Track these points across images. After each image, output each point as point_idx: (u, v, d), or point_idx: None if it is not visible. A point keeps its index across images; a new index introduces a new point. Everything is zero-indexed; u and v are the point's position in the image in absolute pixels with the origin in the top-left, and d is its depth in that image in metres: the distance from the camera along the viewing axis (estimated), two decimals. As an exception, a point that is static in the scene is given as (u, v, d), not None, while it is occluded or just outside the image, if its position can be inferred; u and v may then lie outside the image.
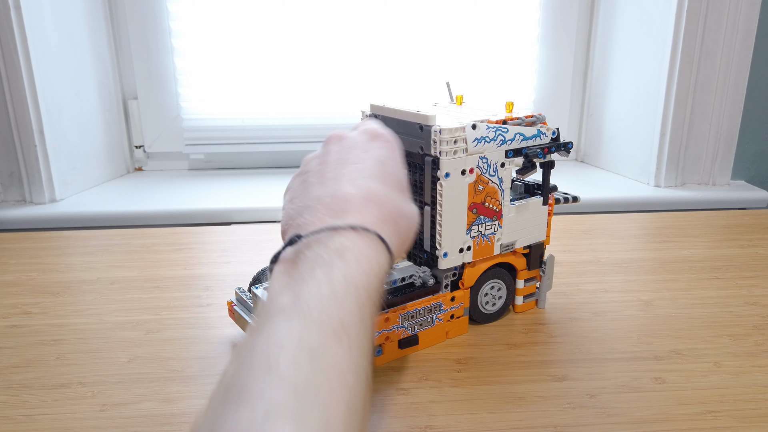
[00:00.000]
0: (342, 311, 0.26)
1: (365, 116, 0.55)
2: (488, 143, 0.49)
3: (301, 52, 1.13)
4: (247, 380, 0.23)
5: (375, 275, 0.29)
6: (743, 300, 0.61)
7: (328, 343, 0.24)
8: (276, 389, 0.22)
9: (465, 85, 1.15)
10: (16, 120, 0.92)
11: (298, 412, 0.21)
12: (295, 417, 0.21)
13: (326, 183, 0.34)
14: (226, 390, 0.23)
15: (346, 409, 0.23)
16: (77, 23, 1.02)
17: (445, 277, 0.52)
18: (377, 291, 0.29)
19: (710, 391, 0.46)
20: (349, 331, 0.25)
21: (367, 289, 0.28)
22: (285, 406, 0.21)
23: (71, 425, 0.42)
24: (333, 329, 0.25)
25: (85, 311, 0.60)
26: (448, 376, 0.48)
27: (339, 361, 0.24)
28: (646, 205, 1.03)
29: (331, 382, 0.23)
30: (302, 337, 0.24)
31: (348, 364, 0.24)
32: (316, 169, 0.36)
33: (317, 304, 0.26)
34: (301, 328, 0.24)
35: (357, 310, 0.27)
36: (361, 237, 0.30)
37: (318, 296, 0.26)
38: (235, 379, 0.23)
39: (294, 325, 0.25)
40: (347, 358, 0.25)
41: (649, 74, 1.05)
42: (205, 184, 1.12)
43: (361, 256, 0.29)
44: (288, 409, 0.21)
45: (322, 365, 0.23)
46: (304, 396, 0.22)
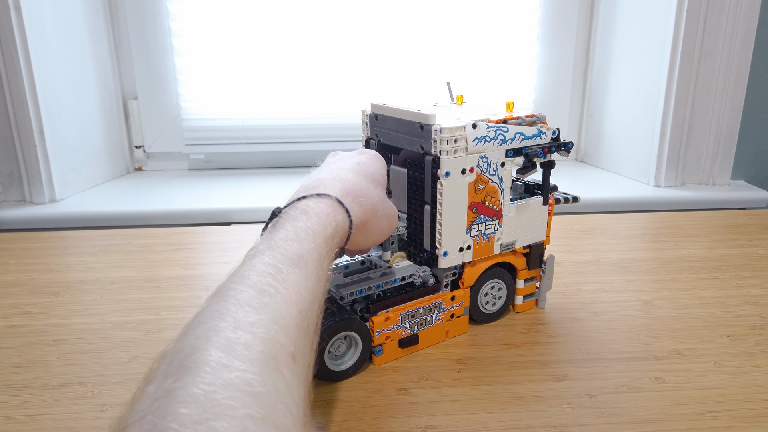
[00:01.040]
0: (302, 249, 0.34)
1: (365, 115, 0.55)
2: (488, 142, 0.49)
3: (302, 52, 1.13)
4: (227, 286, 0.31)
5: (332, 226, 0.37)
6: (743, 300, 0.61)
7: (288, 268, 0.33)
8: (246, 289, 0.30)
9: (465, 85, 1.15)
10: (16, 120, 0.92)
11: (258, 303, 0.29)
12: (255, 306, 0.29)
13: (313, 174, 0.44)
14: (211, 295, 0.31)
15: (298, 312, 0.30)
16: (77, 23, 1.02)
17: (445, 276, 0.52)
18: (334, 238, 0.37)
19: (710, 391, 0.46)
20: (307, 262, 0.34)
21: (324, 236, 0.36)
22: (250, 297, 0.29)
23: (71, 425, 0.42)
24: (293, 260, 0.33)
25: (85, 311, 0.60)
26: (448, 376, 0.48)
27: (297, 279, 0.32)
28: (646, 205, 1.03)
29: (288, 290, 0.31)
30: (269, 263, 0.32)
31: (305, 283, 0.32)
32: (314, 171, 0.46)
33: (283, 243, 0.34)
34: (269, 258, 0.33)
35: (314, 249, 0.35)
36: (323, 200, 0.39)
37: (284, 238, 0.35)
38: (218, 289, 0.31)
39: (264, 257, 0.33)
40: (304, 279, 0.33)
41: (649, 74, 1.05)
42: (205, 184, 1.12)
43: (321, 213, 0.38)
44: (252, 299, 0.29)
45: (282, 279, 0.31)
46: (265, 295, 0.30)
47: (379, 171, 0.46)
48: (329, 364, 0.46)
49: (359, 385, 0.47)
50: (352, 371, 0.48)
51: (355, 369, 0.48)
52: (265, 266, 0.32)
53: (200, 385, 0.23)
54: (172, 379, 0.24)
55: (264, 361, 0.26)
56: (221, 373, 0.24)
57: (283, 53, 1.12)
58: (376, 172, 0.46)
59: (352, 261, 0.54)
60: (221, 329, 0.27)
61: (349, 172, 0.43)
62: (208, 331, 0.27)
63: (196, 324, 0.28)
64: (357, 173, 0.44)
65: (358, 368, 0.48)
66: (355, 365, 0.48)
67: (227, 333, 0.26)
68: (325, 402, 0.45)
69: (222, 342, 0.26)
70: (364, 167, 0.45)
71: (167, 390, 0.23)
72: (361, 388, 0.46)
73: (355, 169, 0.44)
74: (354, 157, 0.47)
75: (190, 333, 0.27)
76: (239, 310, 0.28)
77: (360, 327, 0.47)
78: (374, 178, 0.45)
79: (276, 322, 0.28)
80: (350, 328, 0.46)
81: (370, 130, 0.55)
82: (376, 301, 0.49)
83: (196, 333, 0.27)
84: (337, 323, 0.46)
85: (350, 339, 0.47)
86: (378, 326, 0.48)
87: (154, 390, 0.24)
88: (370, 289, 0.48)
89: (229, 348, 0.25)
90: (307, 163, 1.34)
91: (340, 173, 0.43)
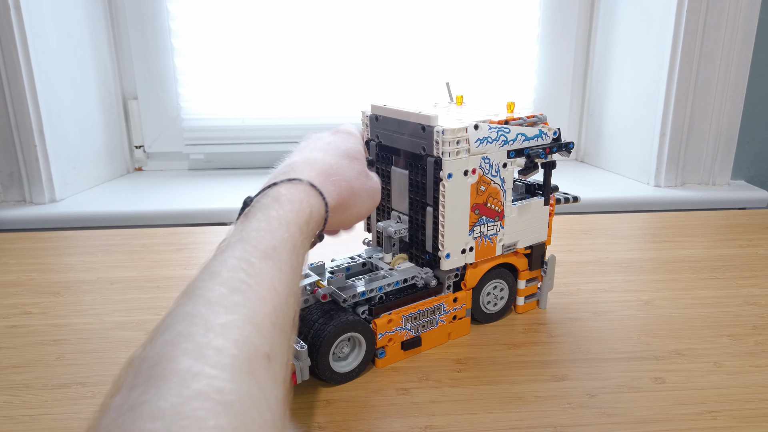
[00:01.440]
0: (275, 239, 0.33)
1: (365, 116, 0.55)
2: (490, 144, 0.49)
3: (302, 52, 1.13)
4: (196, 284, 0.29)
5: (306, 213, 0.36)
6: (743, 300, 0.62)
7: (261, 261, 0.31)
8: (217, 286, 0.28)
9: (465, 85, 1.15)
10: (16, 120, 0.92)
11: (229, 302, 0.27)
12: (226, 306, 0.27)
13: (284, 160, 0.42)
14: (181, 294, 0.29)
15: (272, 308, 0.29)
16: (77, 23, 1.02)
17: (447, 278, 0.52)
18: (309, 225, 0.36)
19: (710, 391, 0.46)
20: (280, 254, 0.32)
21: (298, 224, 0.35)
22: (221, 296, 0.28)
23: (71, 425, 0.42)
24: (266, 252, 0.32)
25: (85, 311, 0.60)
26: (448, 376, 0.48)
27: (270, 273, 0.31)
28: (646, 205, 1.03)
29: (261, 286, 0.29)
30: (241, 257, 0.31)
31: (279, 277, 0.31)
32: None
33: (255, 235, 0.33)
34: (241, 251, 0.31)
35: (288, 239, 0.33)
36: (295, 186, 0.37)
37: (256, 229, 0.33)
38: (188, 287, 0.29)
39: (236, 250, 0.31)
40: (278, 272, 0.31)
41: (649, 74, 1.05)
42: (205, 184, 1.12)
43: (293, 199, 0.36)
44: (223, 298, 0.28)
45: (255, 275, 0.30)
46: (237, 293, 0.28)
47: (353, 146, 0.45)
48: (333, 366, 0.46)
49: (360, 385, 0.47)
50: (356, 373, 0.48)
51: (358, 371, 0.48)
52: (236, 261, 0.30)
53: (168, 397, 0.22)
54: (138, 391, 0.23)
55: (237, 365, 0.24)
56: (190, 383, 0.23)
57: (283, 53, 1.12)
58: (350, 147, 0.44)
59: (354, 263, 0.54)
60: (190, 334, 0.25)
61: (320, 152, 0.42)
62: (177, 336, 0.25)
63: (164, 328, 0.26)
64: (328, 152, 0.42)
65: (362, 370, 0.48)
66: (358, 367, 0.48)
67: (197, 337, 0.25)
68: (325, 402, 0.45)
69: (191, 348, 0.24)
70: (335, 144, 0.44)
71: (133, 404, 0.22)
72: (361, 388, 0.46)
73: (326, 148, 0.43)
74: (326, 136, 0.45)
75: (157, 338, 0.26)
76: (209, 311, 0.27)
77: (364, 329, 0.47)
78: (348, 153, 0.43)
79: (249, 322, 0.27)
80: (354, 330, 0.46)
81: (371, 131, 0.55)
82: (378, 304, 0.49)
83: (165, 338, 0.25)
84: (341, 325, 0.45)
85: (354, 341, 0.47)
86: (381, 328, 0.48)
87: (120, 403, 0.23)
88: (372, 291, 0.48)
89: (198, 354, 0.24)
90: (307, 163, 1.31)
91: (311, 154, 0.41)
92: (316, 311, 0.47)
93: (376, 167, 0.56)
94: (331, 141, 0.44)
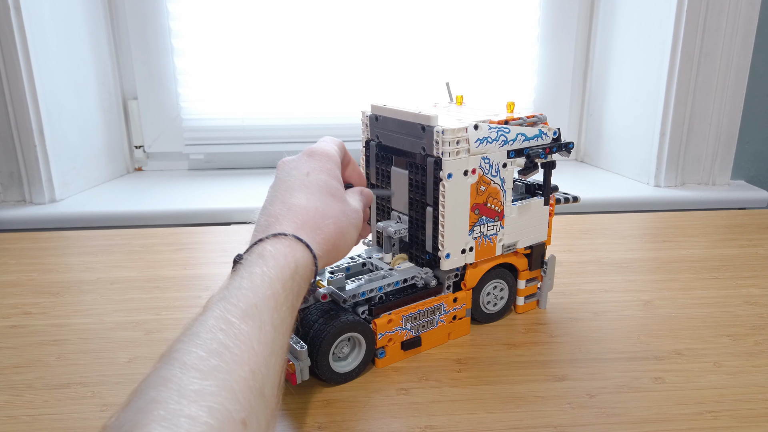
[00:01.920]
0: (256, 297, 0.32)
1: (365, 116, 0.55)
2: (490, 144, 0.49)
3: (302, 53, 1.13)
4: (175, 346, 0.29)
5: (291, 268, 0.36)
6: (743, 300, 0.62)
7: (241, 321, 0.31)
8: (194, 349, 0.28)
9: (465, 85, 1.15)
10: (16, 120, 0.92)
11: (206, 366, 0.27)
12: (201, 370, 0.27)
13: (266, 208, 0.41)
14: (160, 356, 0.29)
15: (250, 371, 0.29)
16: (77, 23, 1.02)
17: (447, 278, 0.52)
18: (294, 279, 0.36)
19: (710, 391, 0.46)
20: (261, 312, 0.32)
21: (282, 280, 0.34)
22: (197, 360, 0.28)
23: (71, 425, 0.42)
24: (246, 310, 0.31)
25: (85, 311, 0.60)
26: (448, 376, 0.48)
27: (250, 332, 0.30)
28: (646, 205, 1.03)
29: (239, 347, 0.29)
30: (220, 317, 0.31)
31: (258, 336, 0.30)
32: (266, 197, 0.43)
33: (236, 293, 0.32)
34: (221, 310, 0.31)
35: (271, 295, 0.33)
36: (281, 241, 0.37)
37: (239, 288, 0.33)
38: (168, 348, 0.29)
39: (216, 310, 0.31)
40: (257, 331, 0.31)
41: (649, 74, 1.05)
42: (205, 184, 1.12)
43: (278, 255, 0.36)
44: (199, 362, 0.27)
45: (233, 335, 0.30)
46: (214, 355, 0.28)
47: (331, 175, 0.43)
48: (333, 366, 0.46)
49: (360, 385, 0.47)
50: (356, 373, 0.48)
51: (358, 371, 0.48)
52: (215, 321, 0.30)
53: None
54: None
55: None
56: None
57: (283, 53, 1.12)
58: (328, 179, 0.42)
59: (354, 263, 0.54)
60: (163, 400, 0.25)
61: (301, 193, 0.41)
62: (150, 402, 0.25)
63: (140, 393, 0.26)
64: (309, 191, 0.41)
65: (362, 370, 0.48)
66: (358, 367, 0.48)
67: (170, 404, 0.25)
68: (325, 402, 0.45)
69: (163, 415, 0.24)
70: (315, 179, 0.42)
71: None
72: (361, 388, 0.46)
73: (306, 184, 0.41)
74: (302, 165, 0.43)
75: (131, 405, 0.25)
76: (184, 376, 0.26)
77: (364, 329, 0.47)
78: (328, 188, 0.42)
79: (225, 387, 0.27)
80: (354, 330, 0.46)
81: (371, 131, 0.55)
82: (378, 304, 0.49)
83: (138, 405, 0.25)
84: (341, 325, 0.45)
85: (354, 341, 0.47)
86: (381, 328, 0.48)
87: None
88: (372, 292, 0.48)
89: (171, 422, 0.24)
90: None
91: (293, 199, 0.40)
92: (316, 311, 0.47)
93: (377, 167, 0.56)
94: (310, 173, 0.42)
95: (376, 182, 0.56)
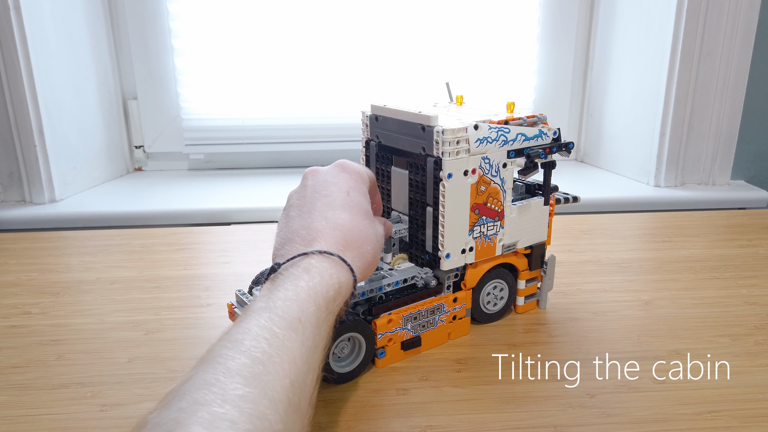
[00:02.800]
0: (301, 312, 0.32)
1: (365, 116, 0.55)
2: (490, 144, 0.49)
3: (302, 52, 1.13)
4: (218, 351, 0.29)
5: (335, 288, 0.36)
6: (743, 300, 0.62)
7: (285, 333, 0.31)
8: (238, 356, 0.28)
9: (465, 85, 1.15)
10: (16, 120, 0.92)
11: (249, 372, 0.28)
12: (245, 377, 0.27)
13: (303, 216, 0.41)
14: (201, 359, 0.29)
15: (290, 383, 0.29)
16: (77, 23, 1.02)
17: (447, 278, 0.52)
18: (335, 300, 0.35)
19: (710, 391, 0.46)
20: (305, 327, 0.32)
21: (326, 298, 0.34)
22: (241, 366, 0.28)
23: (71, 425, 0.42)
24: (291, 323, 0.31)
25: (85, 311, 0.60)
26: (448, 376, 0.48)
27: (292, 346, 0.30)
28: (646, 204, 1.03)
29: (282, 358, 0.29)
30: (265, 327, 0.31)
31: (300, 351, 0.31)
32: (296, 203, 0.43)
33: (282, 305, 0.32)
34: (266, 320, 0.31)
35: (314, 311, 0.33)
36: (326, 258, 0.37)
37: (284, 299, 0.33)
38: (209, 351, 0.29)
39: (261, 319, 0.31)
40: (300, 346, 0.31)
41: (649, 74, 1.05)
42: (205, 184, 1.12)
43: (324, 272, 0.36)
44: (243, 369, 0.28)
45: (277, 346, 0.30)
46: (258, 364, 0.28)
47: (364, 194, 0.43)
48: (333, 366, 0.46)
49: (359, 385, 0.47)
50: (356, 373, 0.48)
51: (358, 371, 0.48)
52: (260, 329, 0.30)
53: None
54: None
55: None
56: None
57: (283, 53, 1.12)
58: (365, 200, 0.43)
59: None
60: (207, 402, 0.25)
61: (344, 212, 0.40)
62: (194, 404, 0.25)
63: (182, 393, 0.26)
64: (352, 211, 0.41)
65: (362, 370, 0.48)
66: (358, 367, 0.48)
67: (213, 407, 0.25)
68: (325, 402, 0.45)
69: (207, 417, 0.24)
70: (356, 199, 0.42)
71: None
72: (361, 388, 0.46)
73: (348, 204, 0.41)
74: (341, 182, 0.43)
75: (173, 404, 0.26)
76: (228, 381, 0.27)
77: (364, 329, 0.47)
78: (367, 210, 0.42)
79: (266, 396, 0.27)
80: (354, 330, 0.46)
81: (371, 131, 0.55)
82: (378, 304, 0.49)
83: (181, 405, 0.25)
84: (342, 325, 0.45)
85: (354, 341, 0.47)
86: (381, 328, 0.48)
87: None
88: (372, 291, 0.48)
89: (213, 425, 0.24)
90: (306, 163, 1.34)
91: (336, 218, 0.40)
92: (316, 311, 0.47)
93: (377, 167, 0.56)
94: (350, 191, 0.42)
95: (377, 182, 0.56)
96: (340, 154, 1.20)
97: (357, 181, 0.43)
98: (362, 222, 0.41)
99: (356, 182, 0.43)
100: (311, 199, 0.42)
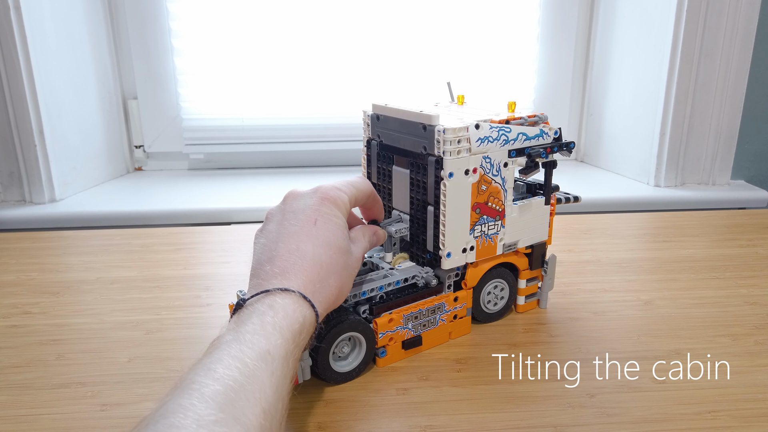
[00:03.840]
0: (269, 344, 0.34)
1: (366, 116, 0.55)
2: (491, 143, 0.49)
3: (302, 52, 1.13)
4: (191, 378, 0.30)
5: (299, 321, 0.37)
6: (743, 300, 0.62)
7: (255, 363, 0.32)
8: (211, 383, 0.30)
9: (465, 85, 1.15)
10: (16, 120, 0.92)
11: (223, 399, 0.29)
12: (219, 403, 0.29)
13: (270, 246, 0.42)
14: (175, 386, 0.30)
15: (261, 411, 0.30)
16: (77, 23, 1.01)
17: (447, 277, 0.52)
18: (301, 333, 0.37)
19: (710, 390, 0.46)
20: (273, 358, 0.33)
21: (291, 332, 0.36)
22: (215, 393, 0.29)
23: (71, 425, 0.42)
24: (260, 354, 0.33)
25: (85, 311, 0.60)
26: (448, 376, 0.48)
27: (262, 375, 0.32)
28: (646, 204, 1.03)
29: (253, 387, 0.31)
30: (236, 356, 0.32)
31: (270, 380, 0.32)
32: (269, 227, 0.44)
33: (251, 337, 0.34)
34: (237, 351, 0.33)
35: (282, 344, 0.35)
36: (289, 295, 0.38)
37: (252, 332, 0.34)
38: (182, 379, 0.31)
39: (231, 350, 0.33)
40: (269, 375, 0.32)
41: (649, 74, 1.05)
42: (205, 184, 1.12)
43: (287, 308, 0.37)
44: (217, 395, 0.29)
45: (248, 375, 0.31)
46: (230, 391, 0.30)
47: (335, 223, 0.43)
48: (333, 366, 0.46)
49: (359, 385, 0.47)
50: (356, 373, 0.48)
51: (359, 371, 0.48)
52: (231, 359, 0.32)
53: None
54: None
55: None
56: None
57: (283, 53, 1.12)
58: (335, 230, 0.42)
59: None
60: (183, 426, 0.26)
61: (308, 244, 0.41)
62: (170, 427, 0.26)
63: (158, 418, 0.27)
64: (316, 242, 0.41)
65: (362, 370, 0.48)
66: (359, 367, 0.48)
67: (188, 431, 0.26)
68: (325, 402, 0.45)
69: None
70: (323, 230, 0.42)
71: None
72: (361, 388, 0.46)
73: (314, 235, 0.41)
74: (311, 211, 0.43)
75: (149, 428, 0.27)
76: (203, 406, 0.28)
77: (364, 328, 0.47)
78: (335, 240, 0.42)
79: (238, 422, 0.28)
80: (355, 329, 0.46)
81: (372, 130, 0.55)
82: (379, 303, 0.49)
83: (156, 428, 0.27)
84: (342, 324, 0.45)
85: (354, 340, 0.47)
86: (381, 328, 0.48)
87: None
88: (373, 291, 0.48)
89: None
90: (307, 163, 1.34)
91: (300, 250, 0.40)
92: (316, 311, 0.47)
93: (378, 166, 0.56)
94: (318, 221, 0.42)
95: (377, 181, 0.56)
96: (340, 153, 1.20)
97: (330, 209, 0.43)
98: (326, 253, 0.41)
99: (329, 210, 0.43)
100: (280, 226, 0.43)
